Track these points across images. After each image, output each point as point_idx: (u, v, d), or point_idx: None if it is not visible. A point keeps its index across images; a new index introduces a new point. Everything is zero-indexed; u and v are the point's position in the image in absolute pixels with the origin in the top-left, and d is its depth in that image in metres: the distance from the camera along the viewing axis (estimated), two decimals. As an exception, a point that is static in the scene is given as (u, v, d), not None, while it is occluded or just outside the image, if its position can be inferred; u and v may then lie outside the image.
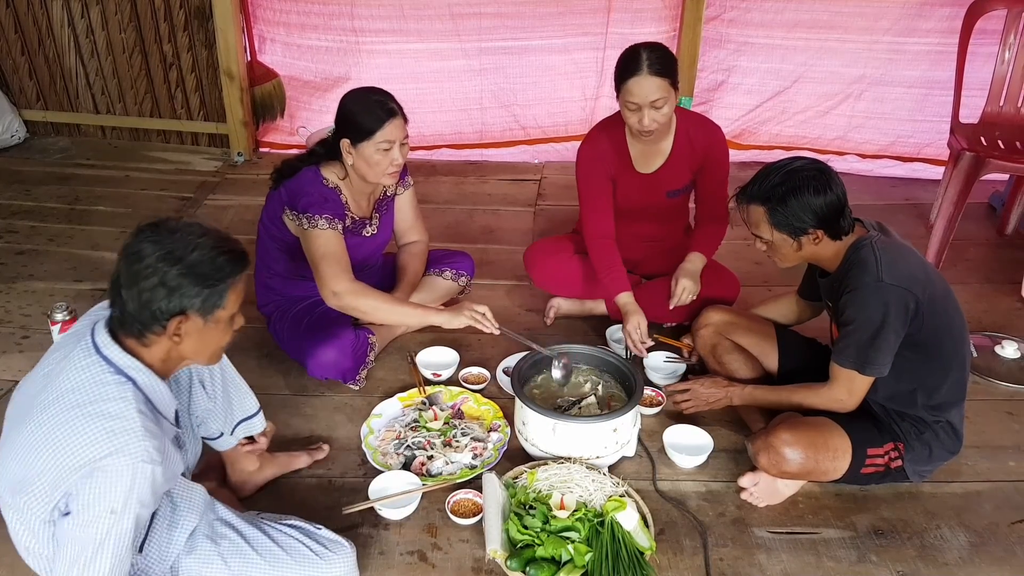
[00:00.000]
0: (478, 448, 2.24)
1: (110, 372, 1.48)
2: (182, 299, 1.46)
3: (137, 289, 1.44)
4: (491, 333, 2.30)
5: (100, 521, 1.42)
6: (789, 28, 3.96)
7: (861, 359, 1.97)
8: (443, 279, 2.80)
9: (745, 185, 2.06)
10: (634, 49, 2.43)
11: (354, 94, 2.37)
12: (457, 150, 4.30)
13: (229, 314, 1.55)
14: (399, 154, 2.34)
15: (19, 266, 3.23)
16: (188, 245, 1.47)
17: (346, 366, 2.45)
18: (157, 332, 1.49)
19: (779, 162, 2.02)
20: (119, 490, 1.42)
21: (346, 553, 1.75)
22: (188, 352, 1.56)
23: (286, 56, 4.16)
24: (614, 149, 2.64)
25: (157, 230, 1.48)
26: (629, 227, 2.76)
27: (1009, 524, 2.08)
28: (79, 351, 1.51)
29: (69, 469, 1.42)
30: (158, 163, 4.23)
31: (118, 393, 1.46)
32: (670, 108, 2.45)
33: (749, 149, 4.23)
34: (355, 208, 2.48)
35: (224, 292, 1.51)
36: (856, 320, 1.95)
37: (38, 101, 4.38)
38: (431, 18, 4.00)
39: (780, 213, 1.97)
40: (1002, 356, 2.73)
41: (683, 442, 2.26)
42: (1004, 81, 3.29)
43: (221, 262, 1.50)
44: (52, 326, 2.53)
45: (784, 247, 2.04)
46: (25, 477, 1.46)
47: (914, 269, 1.98)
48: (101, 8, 4.06)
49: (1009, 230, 3.60)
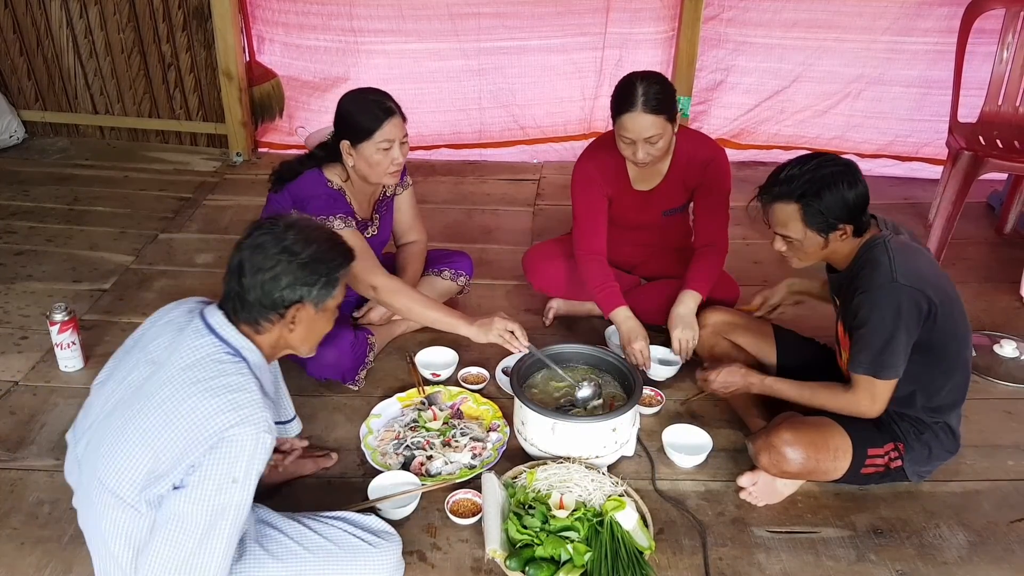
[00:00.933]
0: (477, 448, 2.24)
1: (226, 351, 1.56)
2: (302, 288, 1.58)
3: (260, 279, 1.56)
4: (518, 352, 2.26)
5: (222, 491, 1.46)
6: (787, 27, 3.97)
7: (876, 364, 1.94)
8: (442, 279, 2.80)
9: (768, 184, 2.00)
10: (630, 82, 2.35)
11: (351, 95, 2.37)
12: (456, 150, 4.31)
13: (336, 303, 1.68)
14: (399, 153, 2.34)
15: (18, 266, 3.23)
16: (308, 239, 1.60)
17: (345, 366, 2.45)
18: (274, 320, 1.60)
19: (799, 159, 1.97)
20: (243, 459, 1.47)
21: (395, 542, 1.79)
22: (296, 340, 1.67)
23: (285, 56, 4.16)
24: (612, 167, 2.60)
25: (276, 224, 1.61)
26: (628, 235, 2.76)
27: (1008, 523, 2.08)
28: (191, 332, 1.57)
29: (195, 442, 1.46)
30: (157, 163, 4.23)
31: (236, 369, 1.54)
32: (665, 142, 2.40)
33: (748, 149, 4.23)
34: (358, 210, 2.48)
35: (336, 283, 1.64)
36: (870, 321, 1.92)
37: (37, 101, 4.37)
38: (430, 18, 4.00)
39: (815, 208, 1.91)
40: (1001, 355, 2.74)
41: (682, 441, 2.26)
42: (1002, 80, 3.29)
43: (335, 254, 1.64)
44: (51, 327, 2.53)
45: (810, 245, 1.99)
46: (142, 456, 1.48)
47: (927, 270, 1.97)
48: (100, 8, 4.06)
49: (1007, 229, 3.61)
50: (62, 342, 2.55)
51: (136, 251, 3.37)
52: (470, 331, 2.29)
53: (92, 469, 1.55)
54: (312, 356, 2.37)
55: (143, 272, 3.22)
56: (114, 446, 1.52)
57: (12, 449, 2.27)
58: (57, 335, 2.54)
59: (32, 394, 2.49)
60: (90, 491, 1.57)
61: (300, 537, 1.71)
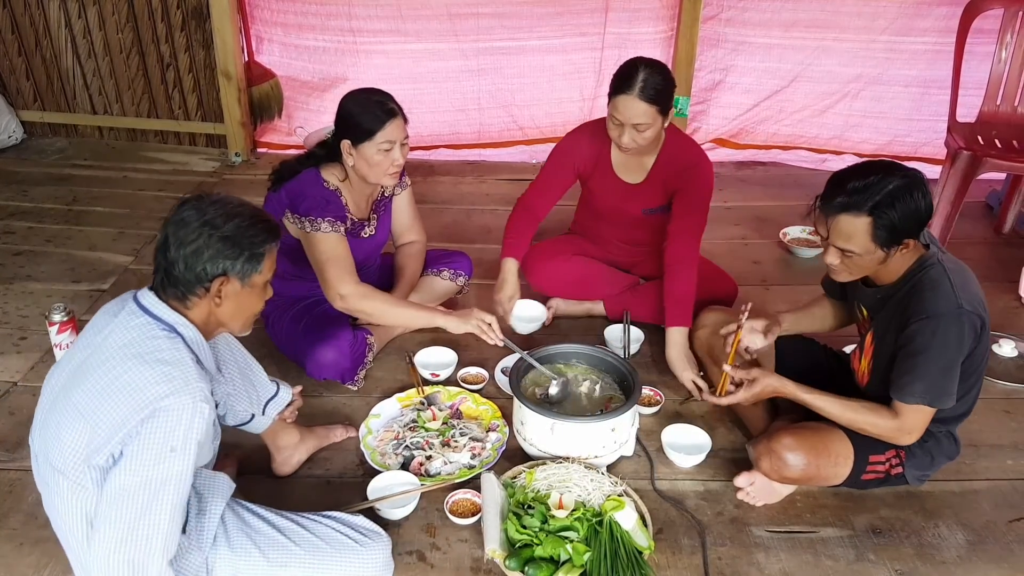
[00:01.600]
0: (476, 448, 2.24)
1: (160, 327, 1.58)
2: (224, 261, 1.59)
3: (183, 252, 1.56)
4: (493, 344, 2.31)
5: (161, 461, 1.47)
6: (786, 27, 3.97)
7: (934, 392, 1.86)
8: (441, 279, 2.80)
9: (831, 193, 1.83)
10: (633, 65, 2.38)
11: (354, 95, 2.36)
12: (455, 150, 4.30)
13: (264, 280, 1.67)
14: (400, 154, 2.33)
15: (16, 267, 3.23)
16: (229, 214, 1.60)
17: (344, 366, 2.45)
18: (200, 294, 1.60)
19: (861, 168, 1.83)
20: (179, 428, 1.48)
21: (384, 542, 1.79)
22: (225, 316, 1.66)
23: (283, 56, 4.16)
24: (595, 149, 2.63)
25: (201, 201, 1.62)
26: (616, 232, 2.77)
27: (1007, 522, 2.08)
28: (125, 314, 1.59)
29: (130, 411, 1.47)
30: (156, 163, 4.22)
31: (171, 344, 1.56)
32: (653, 132, 2.42)
33: (746, 148, 4.24)
34: (355, 210, 2.48)
35: (261, 257, 1.63)
36: (931, 349, 1.83)
37: (35, 102, 4.37)
38: (429, 18, 4.00)
39: (888, 222, 1.77)
40: (1000, 355, 2.74)
41: (681, 441, 2.26)
42: (1001, 80, 3.29)
43: (258, 229, 1.63)
44: (50, 327, 2.53)
45: (869, 260, 1.86)
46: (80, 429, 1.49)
47: (978, 290, 1.90)
48: (98, 8, 4.06)
49: (1006, 229, 3.61)
50: (61, 342, 2.54)
51: (135, 251, 3.37)
52: (447, 322, 2.32)
53: (44, 454, 1.58)
54: (309, 357, 2.41)
55: (142, 272, 3.21)
56: (57, 426, 1.54)
57: (11, 449, 2.27)
58: (56, 335, 2.53)
59: (31, 394, 2.49)
60: (44, 475, 1.59)
61: (288, 531, 1.72)
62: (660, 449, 2.27)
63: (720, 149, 4.26)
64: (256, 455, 2.18)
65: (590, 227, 2.90)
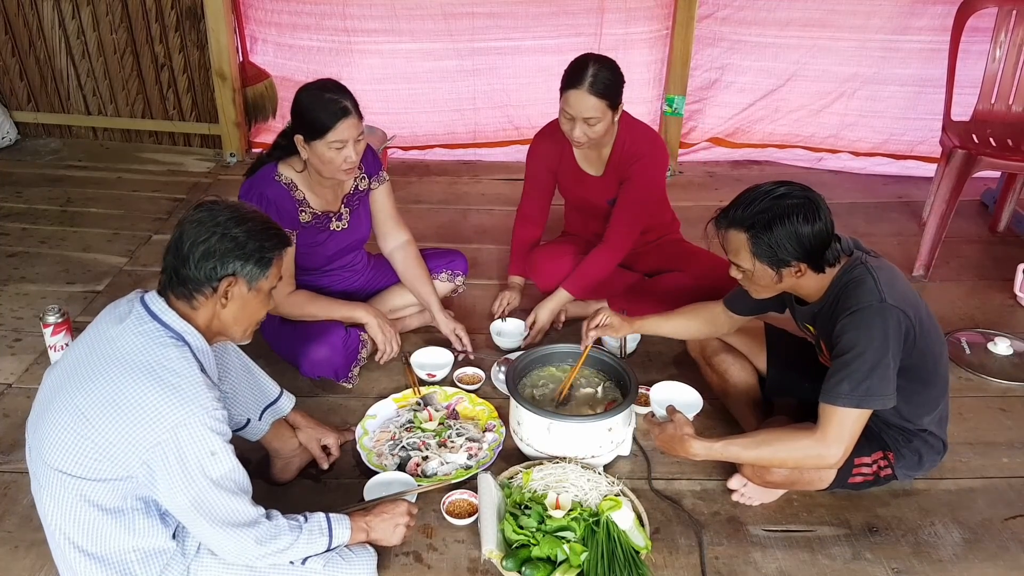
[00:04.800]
0: (473, 448, 2.24)
1: (168, 335, 1.59)
2: (235, 262, 1.61)
3: (195, 251, 1.59)
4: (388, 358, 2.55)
5: (209, 464, 1.53)
6: (782, 26, 3.97)
7: (859, 392, 1.78)
8: (438, 280, 2.79)
9: (726, 207, 1.89)
10: (583, 61, 2.47)
11: (309, 89, 2.31)
12: (450, 150, 4.30)
13: (269, 286, 1.70)
14: (353, 151, 2.28)
15: (11, 268, 3.22)
16: (242, 218, 1.64)
17: (337, 363, 2.45)
18: (207, 294, 1.62)
19: (764, 186, 1.85)
20: (207, 436, 1.53)
21: (369, 557, 1.79)
22: (228, 319, 1.67)
23: (278, 56, 4.15)
24: (558, 147, 2.72)
25: (215, 204, 1.66)
26: (597, 225, 2.82)
27: (1002, 520, 2.09)
28: (134, 318, 1.60)
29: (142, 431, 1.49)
30: (150, 164, 4.21)
31: (179, 353, 1.57)
32: (603, 127, 2.49)
33: (742, 148, 4.24)
34: (316, 202, 2.45)
35: (270, 263, 1.66)
36: (857, 345, 1.79)
37: (29, 102, 4.35)
38: (423, 18, 4.00)
39: (763, 241, 1.81)
40: (994, 353, 2.74)
41: (670, 398, 2.26)
42: (995, 79, 3.30)
43: (270, 235, 1.66)
44: (44, 328, 2.52)
45: (763, 278, 1.88)
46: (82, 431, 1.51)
47: (907, 290, 1.90)
48: (92, 9, 4.04)
49: (1001, 227, 3.62)
50: (56, 344, 2.54)
51: (130, 252, 3.36)
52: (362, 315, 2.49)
53: (39, 451, 1.58)
54: (303, 355, 2.41)
55: (137, 274, 3.21)
56: (55, 424, 1.54)
57: (6, 451, 2.26)
58: (51, 337, 2.53)
59: (26, 396, 2.49)
60: (38, 473, 1.60)
61: None
62: (657, 449, 2.26)
63: (716, 148, 4.27)
64: (251, 456, 2.17)
65: (577, 224, 2.96)
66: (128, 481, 1.54)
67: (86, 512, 1.55)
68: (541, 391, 2.31)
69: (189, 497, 1.54)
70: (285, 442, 2.14)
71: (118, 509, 1.57)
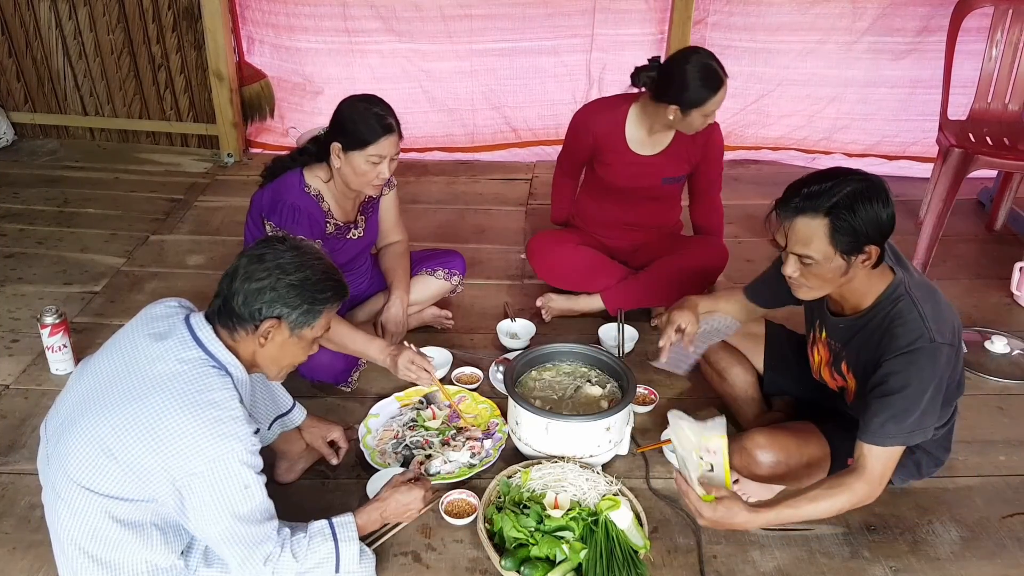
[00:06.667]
0: (476, 447, 2.24)
1: (212, 365, 1.58)
2: (283, 307, 1.60)
3: (247, 286, 1.59)
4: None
5: (241, 500, 1.54)
6: (771, 31, 3.98)
7: (906, 431, 1.75)
8: (435, 278, 2.79)
9: (788, 196, 1.77)
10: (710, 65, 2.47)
11: (356, 101, 2.32)
12: (448, 153, 4.30)
13: (313, 336, 1.69)
14: (387, 168, 2.31)
15: (8, 269, 3.21)
16: (303, 264, 1.62)
17: (338, 368, 2.45)
18: (248, 330, 1.62)
19: (821, 173, 1.77)
20: (242, 470, 1.54)
21: (369, 561, 1.78)
22: (265, 359, 1.67)
23: (274, 57, 4.14)
24: (608, 123, 2.72)
25: (282, 242, 1.66)
26: (620, 213, 2.81)
27: (1000, 518, 2.09)
28: (176, 342, 1.59)
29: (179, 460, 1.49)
30: (147, 165, 4.21)
31: (221, 384, 1.57)
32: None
33: (736, 150, 4.25)
34: (339, 213, 2.46)
35: (319, 314, 1.65)
36: (908, 387, 1.73)
37: (26, 103, 4.34)
38: (421, 19, 4.00)
39: (847, 224, 1.69)
40: (992, 351, 2.75)
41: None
42: (991, 78, 3.31)
43: (326, 286, 1.65)
44: (42, 329, 2.51)
45: (829, 269, 1.76)
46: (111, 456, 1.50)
47: (949, 314, 1.83)
48: (89, 9, 4.04)
49: (998, 226, 3.63)
50: (53, 345, 2.53)
51: (127, 253, 3.36)
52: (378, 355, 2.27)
53: (60, 462, 1.56)
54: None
55: (134, 274, 3.20)
56: (86, 441, 1.53)
57: (4, 453, 2.25)
58: (48, 338, 2.52)
59: (23, 397, 2.48)
60: (56, 484, 1.58)
61: None
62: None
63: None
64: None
65: (595, 210, 2.93)
66: (155, 503, 1.54)
67: (106, 525, 1.55)
68: (541, 391, 2.31)
69: (218, 529, 1.55)
70: (292, 444, 2.13)
71: (138, 523, 1.56)
